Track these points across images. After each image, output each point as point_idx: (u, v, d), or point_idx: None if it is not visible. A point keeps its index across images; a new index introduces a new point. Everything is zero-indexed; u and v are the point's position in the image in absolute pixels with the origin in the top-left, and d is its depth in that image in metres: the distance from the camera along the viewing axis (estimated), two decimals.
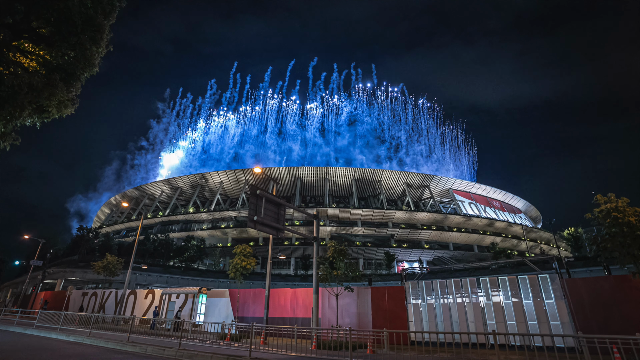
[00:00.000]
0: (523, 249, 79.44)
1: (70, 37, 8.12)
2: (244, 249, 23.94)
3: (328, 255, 18.82)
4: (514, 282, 17.12)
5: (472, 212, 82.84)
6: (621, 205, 12.84)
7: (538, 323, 15.88)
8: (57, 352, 13.23)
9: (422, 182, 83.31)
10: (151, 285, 50.55)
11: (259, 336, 17.47)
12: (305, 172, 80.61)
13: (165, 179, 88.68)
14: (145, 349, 14.18)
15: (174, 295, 27.02)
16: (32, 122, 8.87)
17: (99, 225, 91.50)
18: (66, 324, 23.18)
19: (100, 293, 33.54)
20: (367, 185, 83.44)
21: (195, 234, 74.23)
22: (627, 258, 12.36)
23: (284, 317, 22.24)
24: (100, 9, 8.65)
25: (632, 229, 12.11)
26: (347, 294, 19.71)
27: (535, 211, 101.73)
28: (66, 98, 8.87)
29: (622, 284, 14.65)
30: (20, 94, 7.78)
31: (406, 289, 19.26)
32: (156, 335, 18.95)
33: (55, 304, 37.05)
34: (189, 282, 53.96)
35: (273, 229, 16.74)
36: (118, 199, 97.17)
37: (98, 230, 66.21)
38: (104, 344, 15.90)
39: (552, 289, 16.08)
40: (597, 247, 13.36)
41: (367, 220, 76.46)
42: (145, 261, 56.74)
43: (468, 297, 17.91)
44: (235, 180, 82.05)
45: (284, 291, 23.38)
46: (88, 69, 8.88)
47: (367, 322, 19.30)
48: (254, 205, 15.83)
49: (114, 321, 27.86)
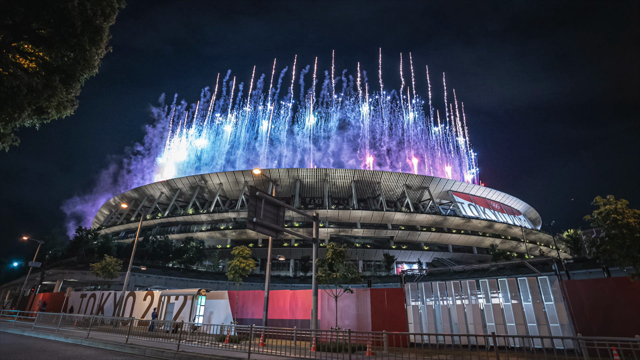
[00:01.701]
0: (522, 251, 79.48)
1: (70, 38, 8.12)
2: (242, 250, 23.90)
3: (327, 257, 18.79)
4: (513, 284, 17.11)
5: (472, 213, 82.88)
6: (620, 207, 12.84)
7: (537, 325, 15.86)
8: (56, 354, 13.17)
9: (421, 184, 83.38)
10: (150, 286, 50.45)
11: (258, 338, 17.44)
12: (304, 173, 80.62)
13: (165, 181, 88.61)
14: (144, 350, 14.13)
15: (172, 296, 26.95)
16: (32, 123, 8.88)
17: (98, 226, 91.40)
18: (64, 325, 23.10)
19: (99, 294, 33.45)
20: (367, 187, 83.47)
21: (195, 236, 74.12)
22: (627, 260, 12.35)
23: (283, 319, 22.20)
24: (100, 10, 8.67)
25: (632, 231, 12.11)
26: (347, 295, 19.68)
27: (534, 213, 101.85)
28: (66, 99, 8.88)
29: (622, 286, 14.64)
30: (20, 95, 7.78)
31: (405, 291, 19.23)
32: (155, 337, 18.89)
33: (53, 306, 36.93)
34: (188, 284, 53.84)
35: (272, 230, 16.73)
36: (117, 200, 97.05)
37: (97, 231, 66.14)
38: (103, 345, 15.84)
39: (551, 291, 16.07)
40: (596, 249, 13.34)
41: (366, 222, 76.45)
42: (144, 263, 56.63)
43: (467, 299, 17.90)
44: (234, 181, 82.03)
45: (283, 293, 23.34)
46: (87, 70, 8.88)
47: (367, 324, 19.26)
48: (253, 206, 15.82)
49: (113, 323, 27.76)
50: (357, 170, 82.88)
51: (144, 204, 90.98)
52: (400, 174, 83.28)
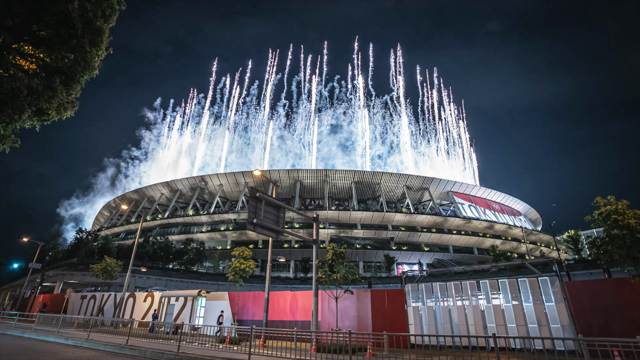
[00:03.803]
0: (523, 252, 79.39)
1: (70, 40, 8.14)
2: (242, 251, 23.87)
3: (328, 258, 18.77)
4: (514, 285, 17.08)
5: (472, 214, 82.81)
6: (621, 207, 12.83)
7: (538, 326, 15.83)
8: (56, 355, 13.16)
9: (421, 185, 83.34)
10: (150, 288, 50.41)
11: (259, 339, 17.41)
12: (304, 174, 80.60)
13: (165, 182, 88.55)
14: (144, 352, 14.11)
15: (173, 298, 26.92)
16: (32, 125, 8.88)
17: (98, 227, 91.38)
18: (65, 327, 23.08)
19: (99, 296, 33.43)
20: (367, 188, 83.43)
21: (195, 237, 74.07)
22: (627, 261, 12.33)
23: (283, 320, 22.16)
24: (100, 12, 8.69)
25: (632, 232, 12.09)
26: (347, 296, 19.65)
27: (535, 213, 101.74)
28: (66, 101, 8.89)
29: (623, 286, 14.62)
30: (20, 96, 7.79)
31: (406, 292, 19.21)
32: (155, 338, 18.86)
33: (53, 307, 36.90)
34: (188, 285, 53.78)
35: (272, 231, 16.72)
36: (117, 201, 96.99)
37: (97, 232, 66.11)
38: (103, 347, 15.82)
39: (552, 291, 16.04)
40: (597, 249, 13.32)
41: (366, 223, 76.38)
42: (145, 264, 56.58)
43: (468, 300, 17.87)
44: (234, 182, 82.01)
45: (284, 294, 23.31)
46: (88, 71, 8.90)
47: (367, 325, 19.23)
48: (253, 207, 15.81)
49: (113, 324, 27.73)
50: (357, 171, 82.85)
51: (144, 205, 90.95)
52: (400, 174, 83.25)
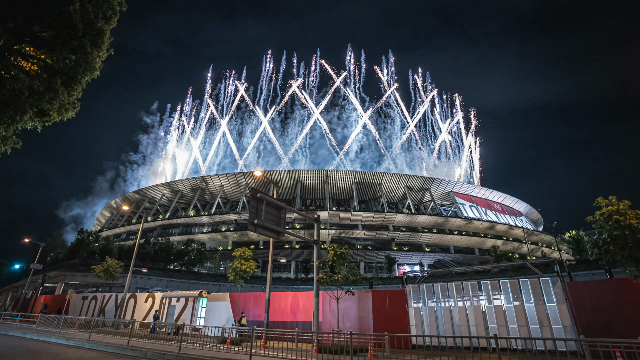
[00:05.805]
0: (524, 252, 79.23)
1: (72, 41, 8.16)
2: (243, 252, 23.85)
3: (328, 259, 18.76)
4: (515, 286, 17.04)
5: (473, 215, 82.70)
6: (623, 207, 12.77)
7: (540, 327, 15.79)
8: (57, 356, 13.17)
9: (422, 185, 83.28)
10: (151, 288, 50.48)
11: (260, 340, 17.40)
12: (305, 175, 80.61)
13: (166, 182, 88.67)
14: (146, 353, 14.12)
15: (174, 298, 26.93)
16: (33, 126, 8.90)
17: (99, 228, 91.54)
18: (66, 327, 23.10)
19: (101, 297, 33.45)
20: (368, 189, 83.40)
21: (196, 237, 74.15)
22: (629, 261, 12.28)
23: (284, 320, 22.14)
24: (102, 13, 8.71)
25: (634, 232, 12.05)
26: (348, 297, 19.63)
27: (536, 214, 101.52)
28: (67, 102, 8.90)
29: (624, 287, 14.58)
30: (22, 97, 7.80)
31: (407, 293, 19.18)
32: (156, 339, 18.87)
33: (55, 308, 36.95)
34: (189, 286, 53.81)
35: (273, 232, 16.72)
36: (118, 202, 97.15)
37: (98, 233, 66.16)
38: (104, 348, 15.83)
39: (553, 292, 16.00)
40: (598, 250, 13.27)
41: (367, 224, 76.35)
42: (146, 265, 56.64)
43: (469, 301, 17.83)
44: (235, 183, 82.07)
45: (285, 295, 23.29)
46: (89, 72, 8.91)
47: (368, 326, 19.20)
48: (254, 208, 15.81)
49: (114, 325, 27.75)
50: (358, 171, 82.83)
51: (145, 206, 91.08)
52: (401, 175, 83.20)
